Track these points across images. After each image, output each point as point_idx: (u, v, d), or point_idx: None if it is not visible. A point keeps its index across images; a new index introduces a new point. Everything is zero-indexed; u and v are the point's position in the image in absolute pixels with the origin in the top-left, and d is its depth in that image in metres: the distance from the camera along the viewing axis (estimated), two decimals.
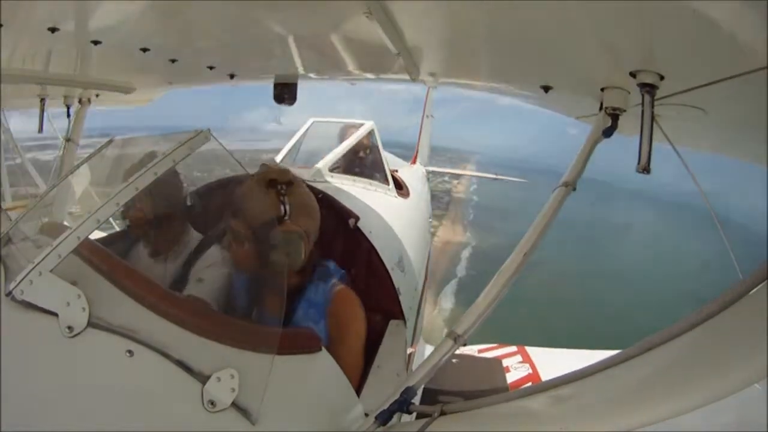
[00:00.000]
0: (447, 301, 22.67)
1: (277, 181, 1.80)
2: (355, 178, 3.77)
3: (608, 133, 1.81)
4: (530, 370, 4.97)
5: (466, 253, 31.86)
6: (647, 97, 1.58)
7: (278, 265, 1.70)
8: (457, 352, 1.64)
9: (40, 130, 4.33)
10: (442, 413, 1.28)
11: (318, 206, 1.94)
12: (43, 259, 1.15)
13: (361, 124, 4.20)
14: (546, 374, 4.77)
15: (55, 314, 1.13)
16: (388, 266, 2.59)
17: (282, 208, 1.75)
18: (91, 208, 1.28)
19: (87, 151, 2.22)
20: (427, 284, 4.68)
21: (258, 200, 1.79)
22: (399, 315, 2.57)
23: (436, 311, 21.15)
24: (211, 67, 2.92)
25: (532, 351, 5.45)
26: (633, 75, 1.57)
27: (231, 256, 1.81)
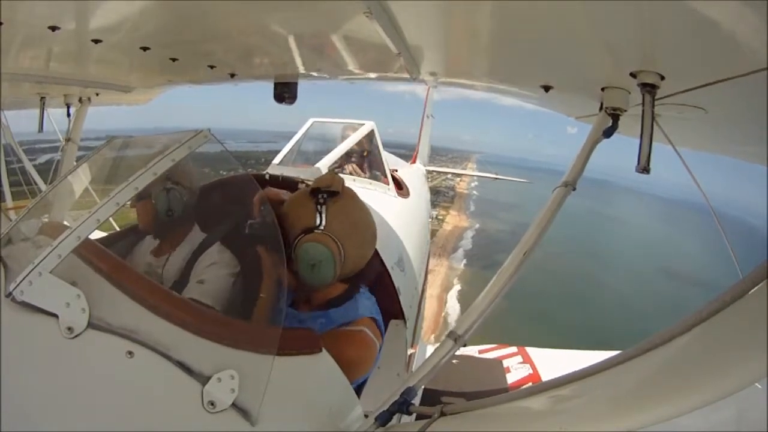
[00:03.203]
0: (457, 263, 37.62)
1: (319, 190, 1.71)
2: (355, 177, 3.78)
3: (608, 133, 1.81)
4: (530, 371, 4.98)
5: (469, 234, 47.32)
6: (647, 97, 1.58)
7: (303, 276, 1.63)
8: (458, 353, 1.64)
9: (40, 129, 4.33)
10: (442, 414, 1.27)
11: (370, 224, 1.79)
12: (42, 260, 1.15)
13: (362, 124, 4.20)
14: (546, 374, 4.77)
15: (55, 315, 1.13)
16: (388, 266, 2.59)
17: (318, 217, 1.65)
18: (90, 207, 1.28)
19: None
20: (426, 284, 4.67)
21: (290, 206, 1.71)
22: (399, 315, 2.57)
23: (449, 270, 35.06)
24: (211, 66, 2.92)
25: (533, 351, 5.46)
26: (633, 75, 1.57)
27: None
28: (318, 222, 1.65)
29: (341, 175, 3.69)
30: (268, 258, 1.66)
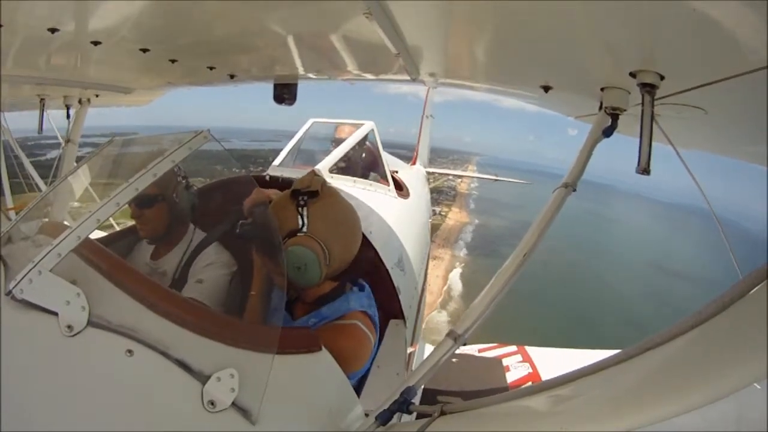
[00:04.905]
0: (458, 252, 44.50)
1: (299, 191, 1.70)
2: (355, 178, 3.78)
3: (608, 132, 1.80)
4: (530, 370, 4.98)
5: (469, 228, 54.45)
6: (647, 97, 1.58)
7: (291, 279, 1.62)
8: (457, 351, 1.64)
9: (40, 130, 4.33)
10: (442, 413, 1.27)
11: (353, 220, 1.80)
12: (42, 259, 1.15)
13: (361, 124, 4.20)
14: (546, 374, 4.77)
15: (55, 313, 1.13)
16: (388, 266, 2.59)
17: (300, 219, 1.65)
18: (91, 207, 1.29)
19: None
20: (426, 284, 4.67)
21: (272, 210, 1.70)
22: (399, 315, 2.57)
23: (452, 257, 42.00)
24: (211, 68, 2.92)
25: (532, 351, 5.46)
26: (633, 75, 1.57)
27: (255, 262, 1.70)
28: (300, 224, 1.66)
29: (342, 176, 3.70)
30: (266, 258, 1.66)
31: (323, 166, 3.58)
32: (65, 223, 1.82)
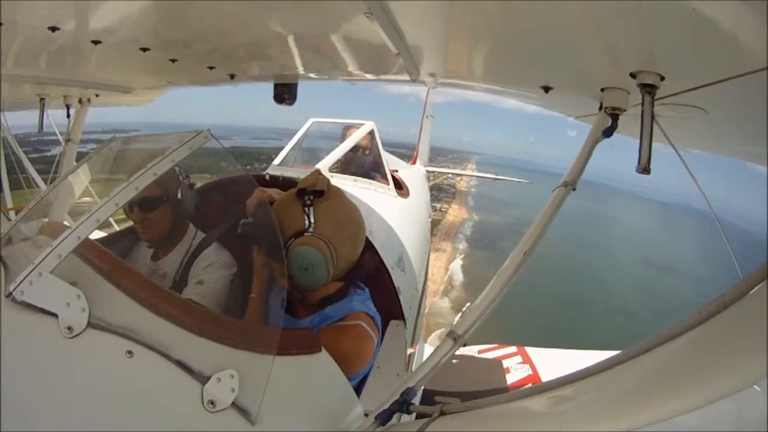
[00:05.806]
0: (458, 244, 47.02)
1: (305, 191, 1.69)
2: (355, 178, 3.78)
3: (608, 133, 1.81)
4: (530, 371, 4.98)
5: (469, 223, 57.66)
6: (647, 97, 1.58)
7: (298, 279, 1.63)
8: (457, 352, 1.64)
9: (40, 129, 4.33)
10: (442, 413, 1.27)
11: (358, 220, 1.80)
12: (42, 260, 1.15)
13: (362, 124, 4.19)
14: (546, 375, 4.77)
15: (55, 315, 1.13)
16: (388, 266, 2.59)
17: (306, 219, 1.65)
18: (90, 207, 1.28)
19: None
20: (427, 284, 4.66)
21: (277, 210, 1.70)
22: (399, 315, 2.57)
23: (453, 249, 44.79)
24: (211, 67, 2.92)
25: (532, 352, 5.46)
26: (633, 75, 1.57)
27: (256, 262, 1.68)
28: (307, 224, 1.64)
29: (341, 175, 3.69)
30: (267, 258, 1.66)
31: (323, 165, 3.57)
32: (65, 223, 1.82)
